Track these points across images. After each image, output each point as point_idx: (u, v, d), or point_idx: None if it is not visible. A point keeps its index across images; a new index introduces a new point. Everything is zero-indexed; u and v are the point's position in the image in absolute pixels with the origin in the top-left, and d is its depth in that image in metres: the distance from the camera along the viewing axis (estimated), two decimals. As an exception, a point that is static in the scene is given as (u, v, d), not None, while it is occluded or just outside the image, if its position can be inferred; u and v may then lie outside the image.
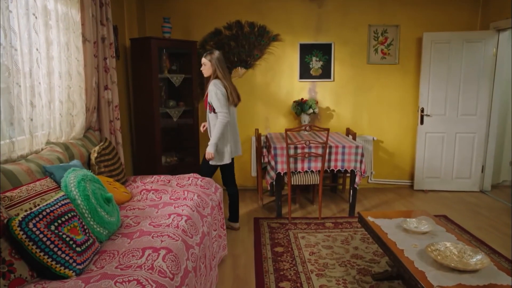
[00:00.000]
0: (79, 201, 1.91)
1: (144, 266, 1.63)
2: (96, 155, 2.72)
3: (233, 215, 3.59)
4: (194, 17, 4.60)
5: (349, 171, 3.82)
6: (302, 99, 4.60)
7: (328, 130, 3.63)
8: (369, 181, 4.99)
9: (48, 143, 2.48)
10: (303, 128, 3.77)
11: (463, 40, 4.49)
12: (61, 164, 2.28)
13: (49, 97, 2.49)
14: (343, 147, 3.77)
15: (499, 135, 4.81)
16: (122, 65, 3.99)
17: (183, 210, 2.34)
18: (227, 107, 3.20)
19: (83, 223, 1.80)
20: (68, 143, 2.61)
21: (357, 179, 3.81)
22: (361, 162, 3.76)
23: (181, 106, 4.30)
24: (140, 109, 4.08)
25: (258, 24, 4.61)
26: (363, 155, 3.77)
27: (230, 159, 3.35)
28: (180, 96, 4.42)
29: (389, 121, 4.87)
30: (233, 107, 3.34)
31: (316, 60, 4.71)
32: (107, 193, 2.16)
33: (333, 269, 2.81)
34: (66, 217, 1.70)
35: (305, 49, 4.69)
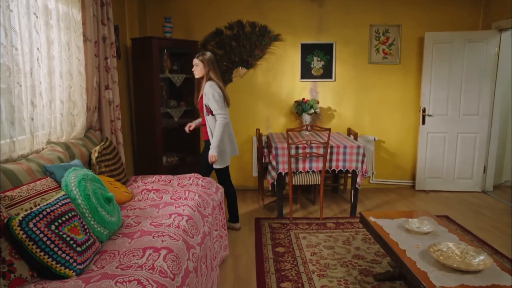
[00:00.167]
0: (80, 201, 1.90)
1: (144, 266, 1.62)
2: (97, 155, 2.72)
3: (232, 215, 3.58)
4: (195, 17, 4.60)
5: (350, 171, 3.81)
6: (303, 99, 4.59)
7: (329, 130, 3.63)
8: (371, 181, 4.97)
9: (48, 142, 2.47)
10: (305, 128, 3.76)
11: (465, 40, 4.48)
12: (61, 163, 2.27)
13: (50, 96, 2.48)
14: (345, 147, 3.76)
15: (501, 135, 4.79)
16: (123, 64, 3.98)
17: (184, 210, 2.33)
18: (225, 108, 3.19)
19: (84, 223, 1.80)
20: (69, 142, 2.61)
21: (358, 179, 3.80)
22: (363, 162, 3.75)
23: (182, 106, 4.29)
24: (141, 109, 4.08)
25: (259, 24, 4.61)
26: (364, 155, 3.76)
27: (229, 160, 3.36)
28: (181, 96, 4.42)
29: (391, 121, 4.86)
30: (227, 107, 3.34)
31: (317, 60, 4.70)
32: (107, 193, 2.15)
33: (334, 270, 2.80)
34: (66, 217, 1.69)
35: (306, 49, 4.68)
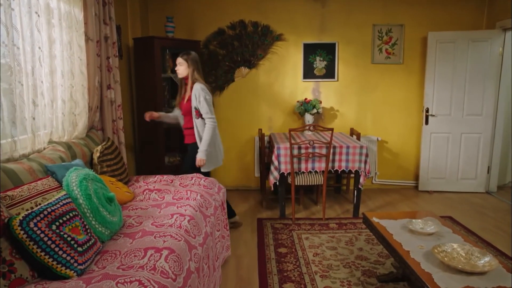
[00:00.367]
0: (81, 201, 1.89)
1: (146, 266, 1.61)
2: (98, 155, 2.71)
3: (227, 211, 3.52)
4: (197, 16, 4.59)
5: (353, 171, 3.79)
6: (305, 99, 4.58)
7: (332, 130, 3.61)
8: (373, 182, 4.95)
9: (50, 142, 2.47)
10: (307, 128, 3.74)
11: (469, 39, 4.44)
12: (63, 163, 2.26)
13: (51, 96, 2.48)
14: (347, 147, 3.74)
15: (505, 135, 4.75)
16: (125, 64, 3.98)
17: (186, 210, 2.32)
18: (213, 112, 3.16)
19: (85, 223, 1.79)
20: (70, 142, 2.60)
21: (361, 180, 3.77)
22: (366, 162, 3.73)
23: (184, 106, 4.28)
24: (143, 108, 4.05)
25: (261, 23, 4.59)
26: (367, 155, 3.73)
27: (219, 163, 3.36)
28: (183, 96, 4.40)
29: (394, 121, 4.83)
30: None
31: (320, 60, 4.68)
32: (109, 193, 2.14)
33: (337, 271, 2.78)
34: (67, 217, 1.68)
35: (308, 48, 4.66)
